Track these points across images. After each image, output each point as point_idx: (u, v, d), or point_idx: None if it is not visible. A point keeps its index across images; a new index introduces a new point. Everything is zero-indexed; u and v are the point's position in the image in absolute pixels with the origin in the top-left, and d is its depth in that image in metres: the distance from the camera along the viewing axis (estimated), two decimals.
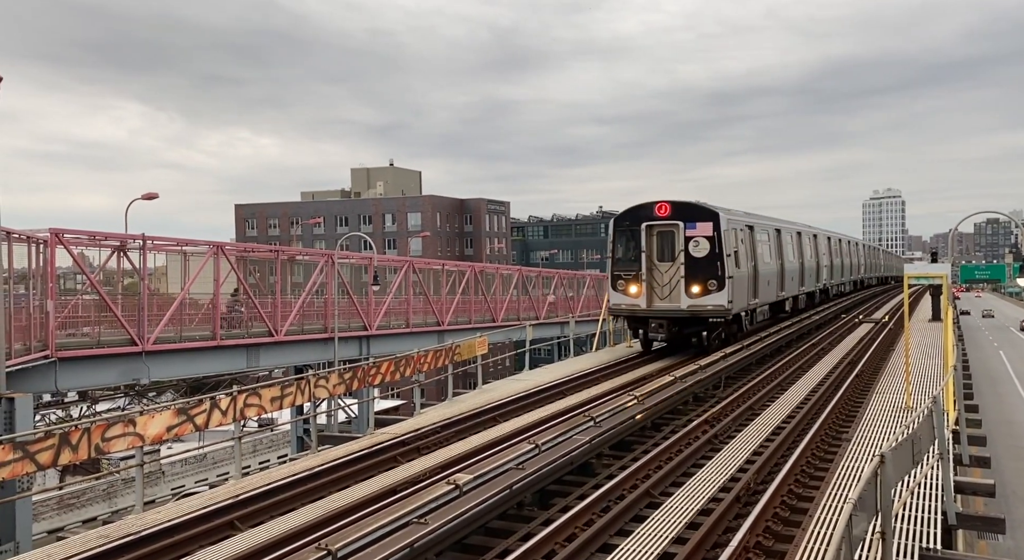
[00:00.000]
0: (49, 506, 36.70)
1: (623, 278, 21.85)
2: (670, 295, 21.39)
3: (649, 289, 21.55)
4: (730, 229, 21.43)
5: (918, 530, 8.50)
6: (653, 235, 21.68)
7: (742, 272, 22.19)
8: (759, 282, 24.07)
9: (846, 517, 5.36)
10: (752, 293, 23.46)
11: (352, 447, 13.65)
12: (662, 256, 21.62)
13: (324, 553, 7.21)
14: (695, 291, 20.97)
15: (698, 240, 21.00)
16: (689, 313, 21.11)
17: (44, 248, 22.30)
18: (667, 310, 21.36)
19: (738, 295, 21.66)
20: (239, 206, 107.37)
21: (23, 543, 18.30)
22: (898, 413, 14.59)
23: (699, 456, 12.26)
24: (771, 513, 9.32)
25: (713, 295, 20.86)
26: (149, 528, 9.40)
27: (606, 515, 9.27)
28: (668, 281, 21.42)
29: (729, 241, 21.17)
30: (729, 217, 21.75)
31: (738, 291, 21.65)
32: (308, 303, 33.07)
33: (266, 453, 47.88)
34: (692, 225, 21.13)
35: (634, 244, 21.79)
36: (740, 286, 21.91)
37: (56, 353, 22.18)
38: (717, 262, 20.87)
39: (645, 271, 21.49)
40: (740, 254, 22.12)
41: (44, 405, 46.71)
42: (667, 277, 21.43)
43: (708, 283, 20.89)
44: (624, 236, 22.10)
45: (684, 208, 21.51)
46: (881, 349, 23.83)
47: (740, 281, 21.94)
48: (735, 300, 21.31)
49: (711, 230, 20.98)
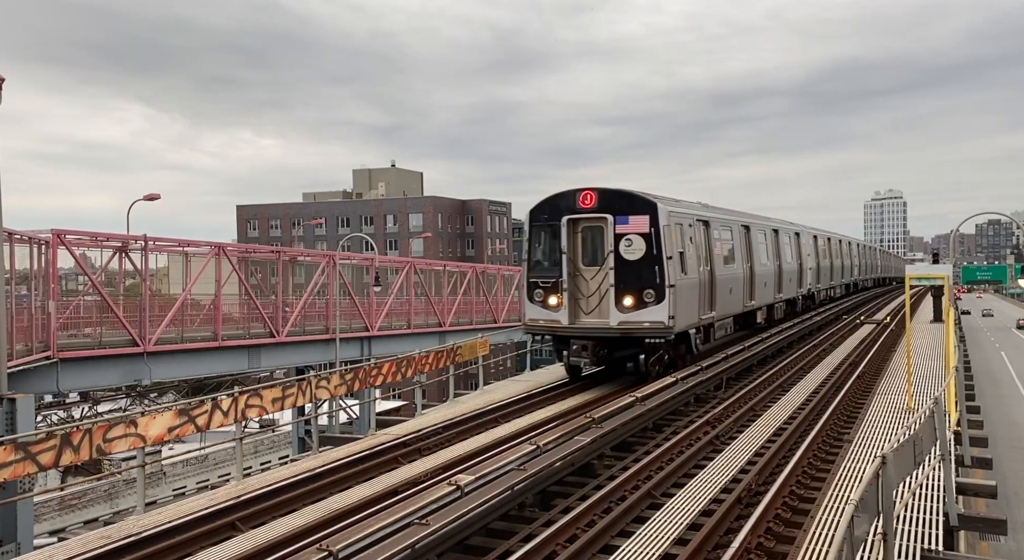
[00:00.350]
0: (50, 507, 36.68)
1: (540, 286, 17.84)
2: (597, 308, 17.40)
3: (572, 301, 17.60)
4: (672, 225, 17.49)
5: (920, 531, 8.49)
6: (577, 232, 17.68)
7: (690, 279, 18.27)
8: (717, 291, 20.17)
9: (848, 518, 5.36)
10: (707, 304, 19.47)
11: (353, 448, 13.67)
12: (588, 259, 17.68)
13: (325, 554, 7.21)
14: (627, 303, 17.07)
15: (631, 238, 17.09)
16: (620, 331, 17.18)
17: (46, 249, 22.33)
18: (593, 328, 17.40)
19: (684, 308, 17.67)
20: (241, 207, 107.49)
21: (24, 544, 18.31)
22: (900, 414, 14.58)
23: (701, 457, 12.26)
24: (773, 514, 9.32)
25: (650, 308, 16.95)
26: (150, 529, 9.41)
27: (607, 516, 9.26)
28: (595, 291, 17.45)
29: (671, 240, 17.23)
30: (672, 209, 17.80)
31: (684, 303, 17.67)
32: (310, 304, 33.11)
33: (267, 454, 47.85)
34: (624, 219, 17.16)
35: (554, 243, 17.79)
36: (687, 296, 17.96)
37: (58, 354, 22.21)
38: (655, 266, 16.98)
39: (567, 278, 17.51)
40: (689, 256, 18.20)
41: (46, 406, 46.75)
42: (594, 286, 17.46)
43: (644, 293, 16.99)
44: (542, 233, 18.08)
45: (614, 198, 17.47)
46: (883, 350, 23.81)
47: (687, 290, 17.99)
48: (679, 314, 17.32)
49: (647, 226, 17.04)
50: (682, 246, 17.84)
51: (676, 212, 18.01)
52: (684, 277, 17.74)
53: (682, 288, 17.51)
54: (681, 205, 19.08)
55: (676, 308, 17.10)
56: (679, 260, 17.55)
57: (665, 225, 17.10)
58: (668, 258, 17.00)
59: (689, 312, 18.07)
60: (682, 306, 17.45)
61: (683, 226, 18.12)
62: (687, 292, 17.88)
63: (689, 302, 18.04)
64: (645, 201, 17.31)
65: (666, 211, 17.32)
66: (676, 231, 17.61)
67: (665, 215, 17.19)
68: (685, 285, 17.76)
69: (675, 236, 17.47)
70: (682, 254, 17.76)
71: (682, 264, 17.73)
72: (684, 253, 17.91)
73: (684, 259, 17.89)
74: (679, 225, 17.87)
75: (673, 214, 17.68)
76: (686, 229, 18.33)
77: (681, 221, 18.07)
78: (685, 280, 17.78)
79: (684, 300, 17.63)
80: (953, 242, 47.43)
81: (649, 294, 16.96)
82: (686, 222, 18.44)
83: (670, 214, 17.46)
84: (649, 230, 17.02)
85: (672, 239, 17.28)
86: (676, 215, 17.87)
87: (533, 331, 18.49)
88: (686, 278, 17.86)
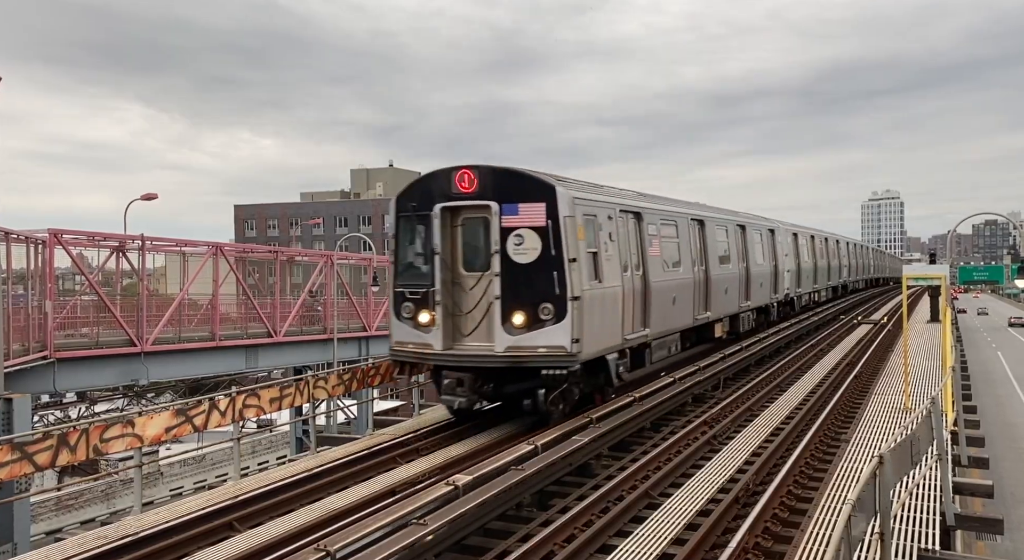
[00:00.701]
0: (47, 507, 36.63)
1: (409, 298, 13.69)
2: (478, 329, 13.34)
3: (448, 318, 13.44)
4: (580, 216, 13.28)
5: (917, 531, 8.51)
6: (455, 225, 13.63)
7: (607, 288, 14.01)
8: (653, 302, 15.98)
9: (845, 518, 5.38)
10: (636, 320, 15.25)
11: (351, 448, 13.66)
12: (469, 261, 13.59)
13: (323, 554, 7.22)
14: (518, 322, 12.85)
15: (522, 234, 12.96)
16: (507, 360, 12.91)
17: (43, 248, 22.31)
18: (474, 355, 13.26)
19: (597, 326, 13.51)
20: (238, 207, 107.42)
21: (21, 544, 18.30)
22: (897, 414, 14.60)
23: (698, 457, 12.27)
24: (770, 514, 9.34)
25: (547, 329, 12.78)
26: (148, 529, 9.40)
27: (605, 516, 9.28)
28: (476, 304, 13.36)
29: (573, 236, 12.99)
30: (578, 196, 13.54)
31: (597, 319, 13.53)
32: (309, 305, 33.17)
33: (265, 454, 47.80)
34: (512, 208, 13.05)
35: (425, 241, 13.69)
36: (603, 311, 13.77)
37: (55, 354, 22.18)
38: (553, 272, 12.79)
39: (440, 287, 13.36)
40: (606, 258, 14.06)
41: (42, 406, 46.66)
42: (474, 298, 13.40)
43: (539, 308, 12.82)
44: (411, 227, 13.92)
45: (500, 179, 13.30)
46: (880, 350, 23.87)
47: (603, 303, 13.78)
48: (589, 335, 13.11)
49: (542, 217, 12.90)
50: (595, 245, 13.77)
51: (585, 200, 13.76)
52: (597, 286, 13.59)
53: (593, 300, 13.36)
54: (597, 191, 15.06)
55: (584, 327, 12.94)
56: (589, 263, 13.44)
57: (568, 216, 12.90)
58: (571, 260, 12.82)
59: (606, 331, 13.93)
60: (593, 324, 13.32)
61: (597, 219, 13.99)
62: (602, 305, 13.77)
63: (605, 318, 13.92)
64: (540, 184, 13.15)
65: (568, 198, 13.06)
66: (587, 225, 13.51)
67: (567, 203, 12.97)
68: (598, 296, 13.59)
69: (584, 231, 13.33)
70: (595, 255, 13.70)
71: (595, 268, 13.63)
72: (598, 254, 13.80)
73: (598, 262, 13.77)
74: (590, 217, 13.74)
75: (580, 202, 13.43)
76: (603, 222, 14.20)
77: (594, 212, 13.94)
78: (598, 290, 13.62)
79: (597, 316, 13.51)
80: (950, 242, 47.50)
81: (546, 309, 12.79)
82: (603, 214, 14.28)
83: (575, 202, 13.19)
84: (545, 223, 12.86)
85: (577, 235, 13.08)
86: (586, 204, 13.67)
87: (399, 358, 14.03)
88: (600, 287, 13.70)
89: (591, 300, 13.29)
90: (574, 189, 13.72)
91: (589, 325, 13.17)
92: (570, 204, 13.09)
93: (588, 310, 13.14)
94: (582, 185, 14.78)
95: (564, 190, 13.17)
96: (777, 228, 28.08)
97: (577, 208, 13.26)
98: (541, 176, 13.39)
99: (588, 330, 13.12)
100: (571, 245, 12.93)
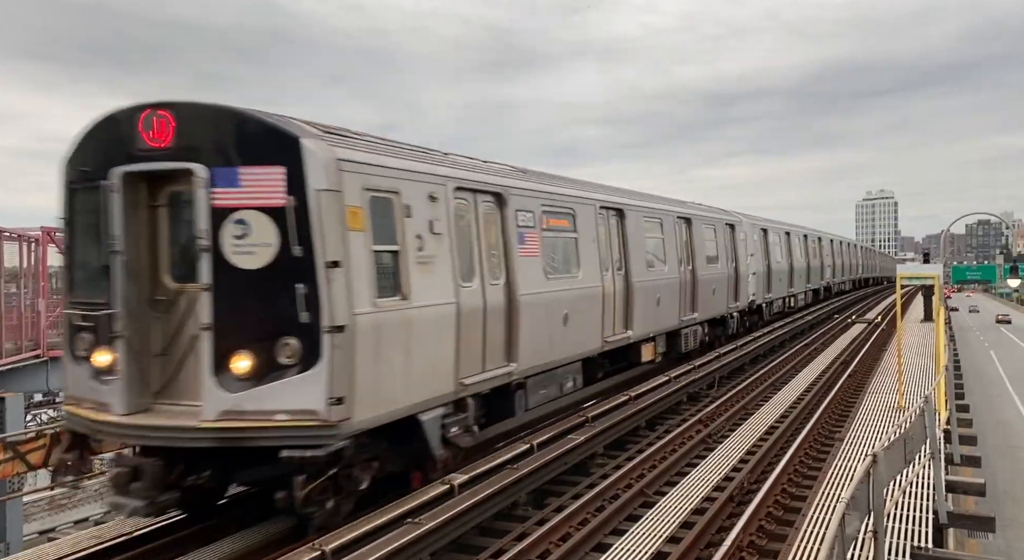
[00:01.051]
0: (40, 506, 36.53)
1: (83, 326, 8.33)
2: (176, 380, 8.19)
3: (133, 362, 8.03)
4: (353, 190, 8.08)
5: (910, 529, 8.57)
6: (151, 204, 8.37)
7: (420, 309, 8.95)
8: (522, 323, 11.08)
9: (839, 516, 5.41)
10: (495, 351, 10.61)
11: None
12: (172, 266, 8.41)
13: (318, 553, 7.21)
14: (240, 369, 7.59)
15: (246, 220, 7.71)
16: (219, 438, 7.63)
17: (36, 246, 22.23)
18: (165, 426, 7.81)
19: (385, 374, 8.35)
20: None
21: (13, 544, 18.25)
22: (890, 412, 14.66)
23: (693, 455, 12.30)
24: (764, 512, 9.38)
25: (289, 380, 7.56)
26: (142, 528, 9.37)
27: (601, 514, 9.29)
28: (173, 339, 8.26)
29: (334, 223, 7.77)
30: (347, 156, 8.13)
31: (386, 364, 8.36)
32: None
33: None
34: (230, 176, 7.75)
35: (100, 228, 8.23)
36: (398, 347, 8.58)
37: (47, 352, 22.10)
38: (297, 285, 7.56)
39: (123, 308, 8.02)
40: (413, 261, 8.95)
41: (35, 405, 46.49)
42: (171, 327, 8.28)
43: (276, 347, 7.59)
44: (86, 207, 8.42)
45: (211, 127, 7.97)
46: (874, 350, 23.97)
47: (401, 333, 8.63)
48: (364, 391, 7.96)
49: (281, 191, 7.64)
50: (396, 239, 8.75)
51: (370, 166, 8.47)
52: (395, 306, 8.54)
53: (383, 329, 8.29)
54: (406, 155, 9.49)
55: (356, 376, 7.84)
56: (367, 266, 8.16)
57: (324, 190, 7.68)
58: (331, 264, 7.65)
59: (415, 377, 8.85)
60: (382, 369, 8.26)
61: (400, 198, 8.84)
62: (406, 336, 8.71)
63: (415, 356, 8.83)
64: (276, 134, 7.78)
65: (327, 159, 7.80)
66: (374, 207, 8.40)
67: (325, 167, 7.73)
68: (395, 323, 8.52)
69: (363, 216, 8.18)
70: (396, 256, 8.73)
71: (394, 277, 8.66)
72: (403, 254, 8.80)
73: (402, 266, 8.76)
74: (386, 195, 8.63)
75: (357, 169, 8.21)
76: (417, 206, 9.10)
77: (396, 187, 8.78)
78: (397, 312, 8.56)
79: (395, 354, 8.48)
80: (944, 242, 47.75)
81: (287, 348, 7.59)
82: (416, 191, 9.14)
83: (342, 167, 7.94)
84: (285, 201, 7.61)
85: (347, 222, 7.92)
86: (371, 171, 8.45)
87: (69, 428, 8.60)
88: (402, 307, 8.66)
89: (376, 330, 8.16)
90: (343, 146, 8.27)
91: (369, 372, 8.05)
92: (332, 169, 7.79)
93: (368, 347, 8.03)
94: (370, 143, 9.11)
95: (318, 146, 7.80)
96: (739, 223, 23.82)
97: (349, 177, 8.02)
98: (278, 122, 7.94)
99: (368, 380, 8.02)
100: (331, 239, 7.69)
